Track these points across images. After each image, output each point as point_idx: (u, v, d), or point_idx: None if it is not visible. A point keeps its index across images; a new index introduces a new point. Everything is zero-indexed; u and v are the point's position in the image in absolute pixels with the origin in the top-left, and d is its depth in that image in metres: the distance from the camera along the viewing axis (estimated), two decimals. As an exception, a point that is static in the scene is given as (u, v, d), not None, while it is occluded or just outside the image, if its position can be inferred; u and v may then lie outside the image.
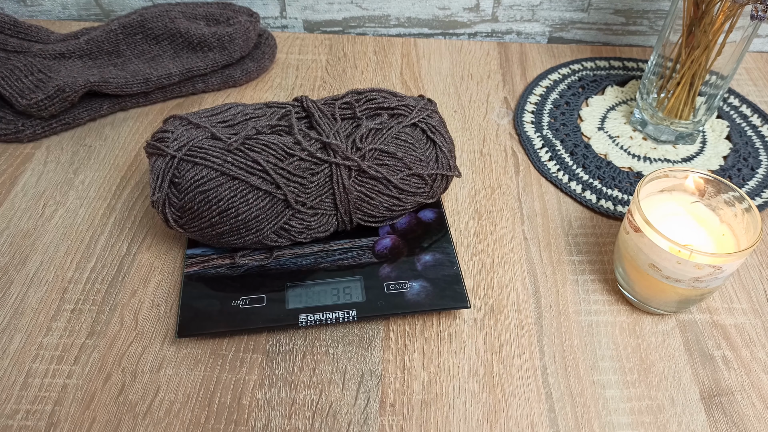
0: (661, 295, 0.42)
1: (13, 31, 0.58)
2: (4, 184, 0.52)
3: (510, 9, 0.70)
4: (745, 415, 0.40)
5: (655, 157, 0.57)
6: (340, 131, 0.43)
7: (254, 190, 0.42)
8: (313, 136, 0.43)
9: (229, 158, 0.41)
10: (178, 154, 0.41)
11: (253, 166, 0.41)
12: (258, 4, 0.70)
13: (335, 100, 0.46)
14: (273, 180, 0.42)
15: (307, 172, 0.42)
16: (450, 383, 0.41)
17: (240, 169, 0.41)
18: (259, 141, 0.42)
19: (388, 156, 0.44)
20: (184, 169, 0.41)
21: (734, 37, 0.49)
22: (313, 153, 0.42)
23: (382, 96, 0.46)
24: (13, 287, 0.45)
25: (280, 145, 0.42)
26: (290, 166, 0.42)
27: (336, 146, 0.42)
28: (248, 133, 0.42)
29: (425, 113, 0.46)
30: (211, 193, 0.41)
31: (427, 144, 0.45)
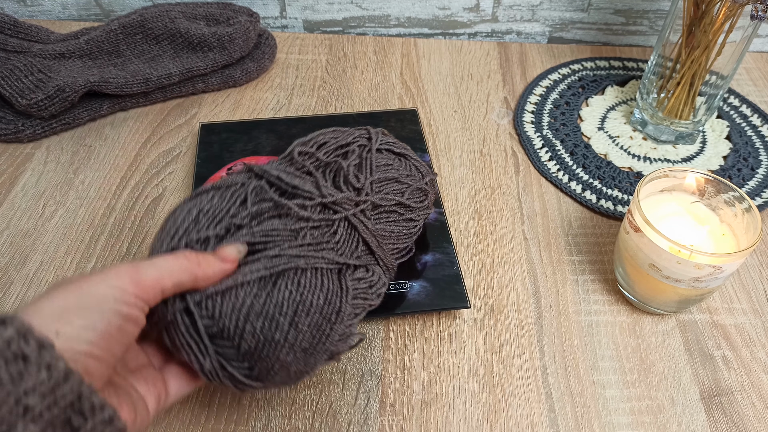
0: (661, 295, 0.42)
1: (13, 31, 0.58)
2: (4, 184, 0.52)
3: (510, 9, 0.70)
4: (745, 415, 0.40)
5: (655, 157, 0.57)
6: (325, 183, 0.38)
7: (299, 274, 0.34)
8: (300, 202, 0.36)
9: (247, 269, 0.33)
10: (192, 303, 0.32)
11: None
12: (258, 4, 0.70)
13: (285, 158, 0.40)
14: (303, 256, 0.35)
15: (326, 235, 0.37)
16: (450, 383, 0.41)
17: (267, 268, 0.34)
18: (257, 236, 0.35)
19: (387, 182, 0.41)
20: (210, 309, 0.32)
21: (734, 37, 0.49)
22: (319, 217, 0.37)
23: (332, 137, 0.42)
24: (13, 287, 0.45)
25: (281, 229, 0.35)
26: (307, 240, 0.36)
27: (341, 201, 0.38)
28: (242, 238, 0.35)
29: (380, 136, 0.44)
30: (265, 309, 0.32)
31: (401, 161, 0.44)
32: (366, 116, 0.58)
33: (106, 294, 0.27)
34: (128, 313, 0.28)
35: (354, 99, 0.62)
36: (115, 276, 0.28)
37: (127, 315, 0.28)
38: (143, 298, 0.29)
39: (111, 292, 0.27)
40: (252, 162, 0.39)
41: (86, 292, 0.27)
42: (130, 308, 0.28)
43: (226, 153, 0.53)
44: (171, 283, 0.30)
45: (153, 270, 0.30)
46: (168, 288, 0.30)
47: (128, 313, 0.28)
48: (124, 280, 0.28)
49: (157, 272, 0.30)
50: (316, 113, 0.60)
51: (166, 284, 0.30)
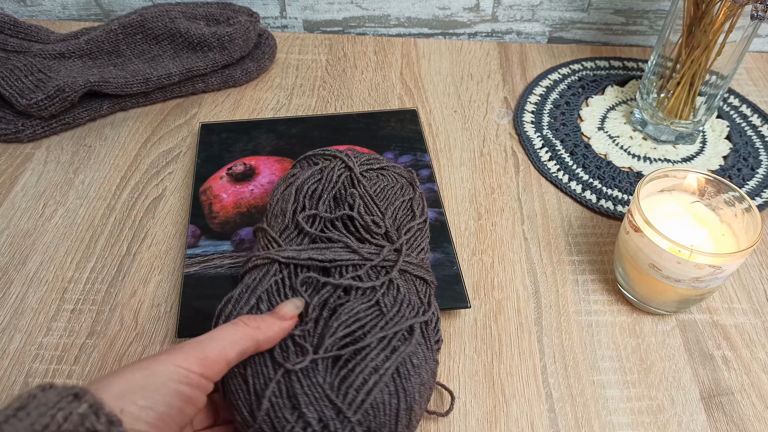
0: (661, 295, 0.42)
1: (13, 31, 0.58)
2: (4, 184, 0.52)
3: (510, 9, 0.70)
4: (745, 415, 0.40)
5: (655, 157, 0.57)
6: (351, 239, 0.39)
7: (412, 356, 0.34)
8: (355, 274, 0.37)
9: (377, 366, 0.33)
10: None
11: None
12: (258, 4, 0.70)
13: (287, 229, 0.40)
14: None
15: (397, 296, 0.37)
16: (450, 383, 0.41)
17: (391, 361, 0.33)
18: (349, 326, 0.34)
19: (396, 209, 0.42)
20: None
21: (734, 37, 0.49)
22: (381, 281, 0.37)
23: (314, 182, 0.42)
24: (13, 287, 0.45)
25: (363, 309, 0.35)
26: (390, 312, 0.36)
27: (387, 257, 0.38)
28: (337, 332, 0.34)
29: (354, 160, 0.44)
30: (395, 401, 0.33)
31: (384, 174, 0.44)
32: (366, 116, 0.58)
33: (171, 374, 0.28)
34: (190, 395, 0.28)
35: (354, 99, 0.62)
36: (182, 355, 0.29)
37: (189, 396, 0.28)
38: (207, 376, 0.29)
39: (176, 372, 0.28)
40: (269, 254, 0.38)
41: (153, 371, 0.28)
42: (192, 389, 0.29)
43: (226, 153, 0.53)
44: (235, 353, 0.31)
45: (216, 344, 0.30)
46: (233, 359, 0.31)
47: (190, 395, 0.28)
48: (190, 360, 0.29)
49: (220, 346, 0.30)
50: (316, 113, 0.60)
51: (230, 356, 0.31)
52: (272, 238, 0.40)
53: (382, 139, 0.55)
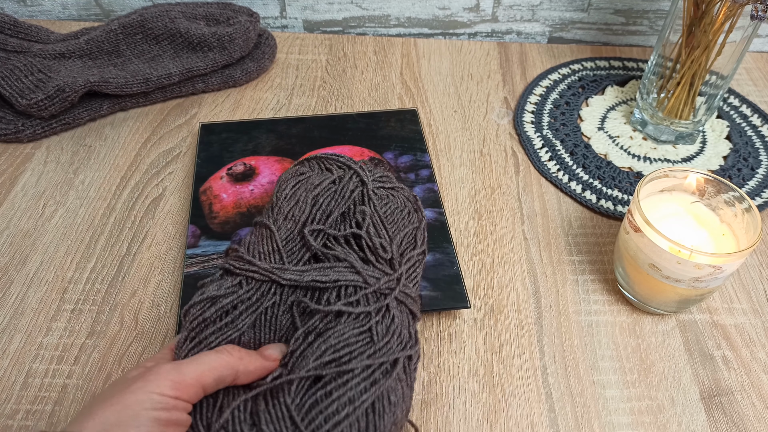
0: (661, 295, 0.42)
1: (13, 31, 0.58)
2: (4, 184, 0.52)
3: (510, 9, 0.70)
4: (745, 415, 0.40)
5: (655, 157, 0.57)
6: (356, 259, 0.38)
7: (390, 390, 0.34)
8: (351, 300, 0.36)
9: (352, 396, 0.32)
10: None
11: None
12: (258, 4, 0.70)
13: (288, 239, 0.39)
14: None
15: (387, 324, 0.36)
16: (450, 383, 0.41)
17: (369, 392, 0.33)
18: (333, 353, 0.33)
19: (403, 234, 0.41)
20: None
21: (734, 37, 0.49)
22: (375, 307, 0.36)
23: (328, 196, 0.42)
24: (13, 287, 0.45)
25: (354, 337, 0.34)
26: (381, 341, 0.35)
27: (386, 284, 0.37)
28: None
29: (369, 174, 0.43)
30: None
31: (395, 195, 0.43)
32: (366, 116, 0.58)
33: (144, 403, 0.28)
34: (168, 418, 0.28)
35: (354, 99, 0.62)
36: (155, 381, 0.29)
37: (167, 420, 0.28)
38: (184, 399, 0.29)
39: (149, 400, 0.28)
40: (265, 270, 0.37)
41: (124, 404, 0.27)
42: (170, 413, 0.28)
43: (226, 153, 0.53)
44: (212, 379, 0.31)
45: (195, 367, 0.30)
46: (209, 384, 0.31)
47: (168, 418, 0.28)
48: (163, 385, 0.29)
49: (198, 370, 0.30)
50: (316, 113, 0.60)
51: (207, 381, 0.30)
52: (276, 247, 0.39)
53: (382, 139, 0.55)
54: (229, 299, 0.36)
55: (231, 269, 0.37)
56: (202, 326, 0.35)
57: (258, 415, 0.31)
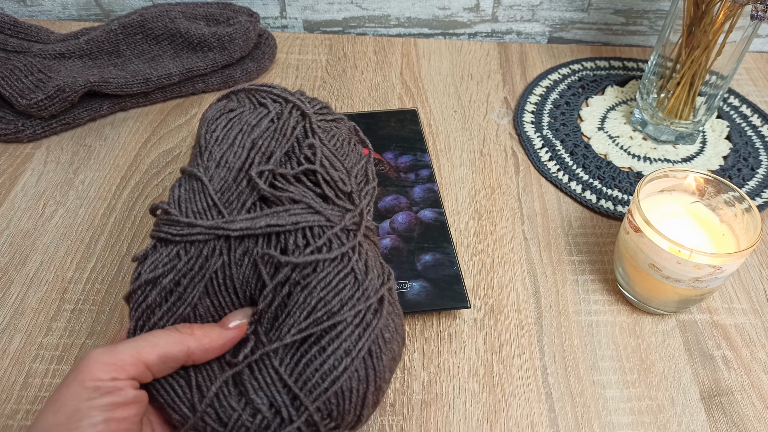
0: (661, 295, 0.42)
1: (13, 31, 0.58)
2: (4, 184, 0.52)
3: (510, 9, 0.70)
4: (745, 415, 0.40)
5: (655, 157, 0.57)
6: (315, 199, 0.34)
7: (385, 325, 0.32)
8: (319, 244, 0.32)
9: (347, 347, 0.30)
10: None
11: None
12: (258, 4, 0.70)
13: (229, 187, 0.35)
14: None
15: (362, 263, 0.33)
16: (450, 383, 0.41)
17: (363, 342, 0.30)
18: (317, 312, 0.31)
19: (354, 163, 0.38)
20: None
21: (734, 37, 0.49)
22: (348, 247, 0.33)
23: (268, 137, 0.36)
24: (13, 287, 0.45)
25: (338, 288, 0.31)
26: (366, 283, 0.32)
27: (352, 220, 0.34)
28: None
29: (308, 106, 0.38)
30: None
31: (338, 126, 0.40)
32: (366, 116, 0.58)
33: (80, 395, 0.26)
34: (111, 402, 0.27)
35: (354, 99, 0.62)
36: (86, 369, 0.27)
37: (110, 404, 0.27)
38: (124, 378, 0.27)
39: (84, 390, 0.26)
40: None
41: (62, 403, 0.26)
42: (112, 396, 0.27)
43: (226, 153, 0.53)
44: (155, 355, 0.29)
45: (131, 345, 0.28)
46: (152, 361, 0.29)
47: (111, 402, 0.27)
48: (96, 370, 0.27)
49: (137, 347, 0.28)
50: (316, 113, 0.60)
51: (148, 358, 0.28)
52: (211, 201, 0.33)
53: (382, 139, 0.55)
54: (169, 277, 0.31)
55: (168, 238, 0.32)
56: (148, 313, 0.32)
57: (243, 385, 0.29)
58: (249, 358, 0.30)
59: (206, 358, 0.30)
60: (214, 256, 0.32)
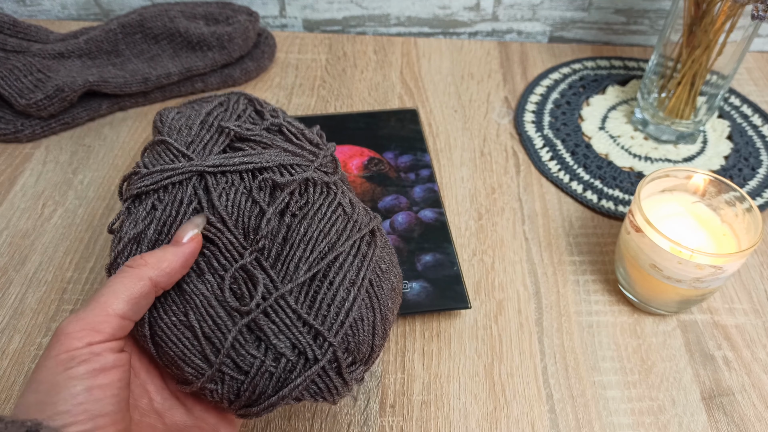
0: (662, 296, 0.42)
1: (12, 30, 0.58)
2: (3, 184, 0.52)
3: (510, 8, 0.70)
4: (746, 415, 0.40)
5: (656, 157, 0.57)
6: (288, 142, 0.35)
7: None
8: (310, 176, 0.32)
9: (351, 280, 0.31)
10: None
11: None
12: (257, 3, 0.70)
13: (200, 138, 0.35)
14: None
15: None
16: (450, 384, 0.40)
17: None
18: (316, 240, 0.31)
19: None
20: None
21: (735, 36, 0.49)
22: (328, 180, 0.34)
23: (217, 110, 0.37)
24: (13, 287, 0.45)
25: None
26: (361, 214, 0.34)
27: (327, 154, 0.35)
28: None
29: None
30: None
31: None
32: (366, 116, 0.58)
33: (57, 369, 0.25)
34: (90, 369, 0.25)
35: (354, 98, 0.62)
36: (57, 342, 0.26)
37: (90, 371, 0.25)
38: (99, 339, 0.26)
39: (59, 363, 0.25)
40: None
41: (39, 380, 0.25)
42: (89, 363, 0.26)
43: (225, 153, 0.53)
44: (123, 302, 0.27)
45: (93, 305, 0.27)
46: (124, 310, 0.27)
47: (90, 369, 0.25)
48: (66, 341, 0.26)
49: (100, 303, 0.27)
50: (316, 113, 0.60)
51: (118, 308, 0.27)
52: (179, 151, 0.33)
53: (382, 139, 0.55)
54: (152, 229, 0.31)
55: (142, 191, 0.32)
56: None
57: (261, 330, 0.28)
58: (264, 303, 0.29)
59: (173, 282, 0.29)
60: (190, 195, 0.32)
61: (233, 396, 0.29)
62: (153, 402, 0.30)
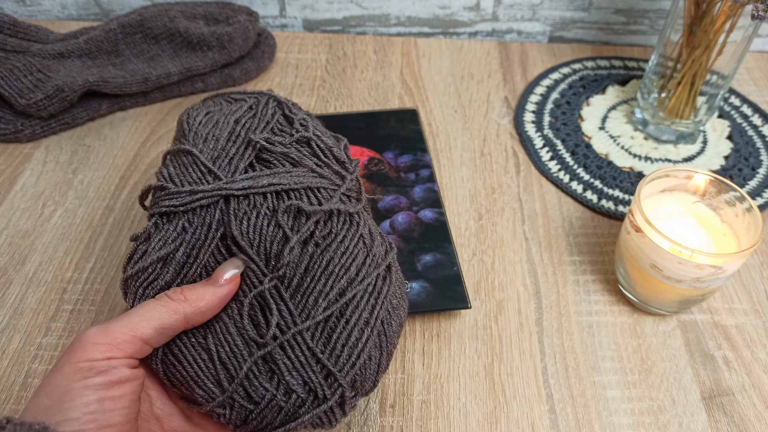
0: (662, 296, 0.42)
1: (12, 30, 0.58)
2: (3, 184, 0.52)
3: (510, 8, 0.70)
4: (746, 415, 0.40)
5: (656, 157, 0.57)
6: (319, 164, 0.35)
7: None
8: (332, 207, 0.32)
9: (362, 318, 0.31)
10: None
11: None
12: (257, 3, 0.70)
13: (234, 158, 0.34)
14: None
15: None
16: (450, 384, 0.40)
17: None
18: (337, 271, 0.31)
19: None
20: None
21: (735, 36, 0.49)
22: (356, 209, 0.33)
23: (249, 116, 0.37)
24: (12, 287, 0.45)
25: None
26: (380, 248, 0.33)
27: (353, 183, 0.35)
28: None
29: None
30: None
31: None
32: (366, 116, 0.58)
33: (74, 376, 0.25)
34: (105, 381, 0.26)
35: (354, 98, 0.62)
36: (79, 350, 0.26)
37: (104, 383, 0.26)
38: (119, 356, 0.27)
39: (77, 371, 0.26)
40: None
41: (54, 384, 0.25)
42: (106, 375, 0.26)
43: (225, 153, 0.53)
44: (151, 328, 0.28)
45: (124, 322, 0.28)
46: (149, 335, 0.28)
47: (105, 381, 0.26)
48: (89, 350, 0.26)
49: (130, 324, 0.28)
50: (316, 113, 0.60)
51: (144, 332, 0.28)
52: (206, 168, 0.32)
53: (382, 139, 0.55)
54: (181, 251, 0.31)
55: (172, 211, 0.31)
56: (156, 291, 0.31)
57: (276, 364, 0.29)
58: (282, 337, 0.29)
59: (204, 320, 0.30)
60: (218, 220, 0.32)
61: (240, 422, 0.29)
62: (153, 407, 0.30)
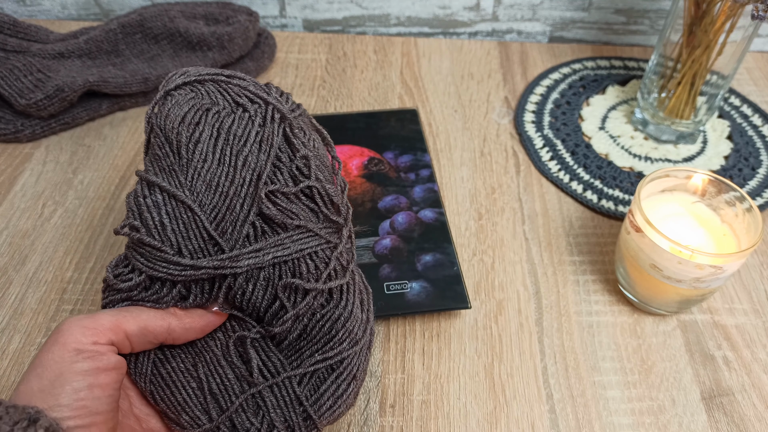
0: (662, 296, 0.42)
1: (12, 30, 0.58)
2: (3, 184, 0.52)
3: (510, 8, 0.70)
4: (746, 415, 0.40)
5: (656, 157, 0.57)
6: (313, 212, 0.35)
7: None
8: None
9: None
10: None
11: None
12: (257, 3, 0.70)
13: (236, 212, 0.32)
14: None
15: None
16: (450, 384, 0.40)
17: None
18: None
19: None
20: None
21: (735, 36, 0.49)
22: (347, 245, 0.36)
23: (252, 154, 0.33)
24: (12, 287, 0.45)
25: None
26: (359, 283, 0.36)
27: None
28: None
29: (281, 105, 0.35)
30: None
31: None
32: (366, 116, 0.58)
33: (64, 358, 0.26)
34: (95, 366, 0.27)
35: (354, 98, 0.62)
36: (68, 333, 0.27)
37: (94, 369, 0.27)
38: (104, 342, 0.27)
39: (67, 353, 0.26)
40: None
41: (45, 366, 0.26)
42: (95, 360, 0.27)
43: (225, 153, 0.53)
44: (135, 326, 0.29)
45: (112, 313, 0.29)
46: (132, 331, 0.29)
47: (95, 366, 0.27)
48: (77, 334, 0.27)
49: (116, 315, 0.29)
50: (316, 113, 0.60)
51: (128, 327, 0.29)
52: (206, 234, 0.31)
53: (382, 139, 0.55)
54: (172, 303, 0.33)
55: (168, 279, 0.31)
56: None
57: (263, 401, 0.31)
58: (272, 380, 0.31)
59: (185, 339, 0.31)
60: (216, 288, 0.32)
61: None
62: (132, 406, 0.31)
